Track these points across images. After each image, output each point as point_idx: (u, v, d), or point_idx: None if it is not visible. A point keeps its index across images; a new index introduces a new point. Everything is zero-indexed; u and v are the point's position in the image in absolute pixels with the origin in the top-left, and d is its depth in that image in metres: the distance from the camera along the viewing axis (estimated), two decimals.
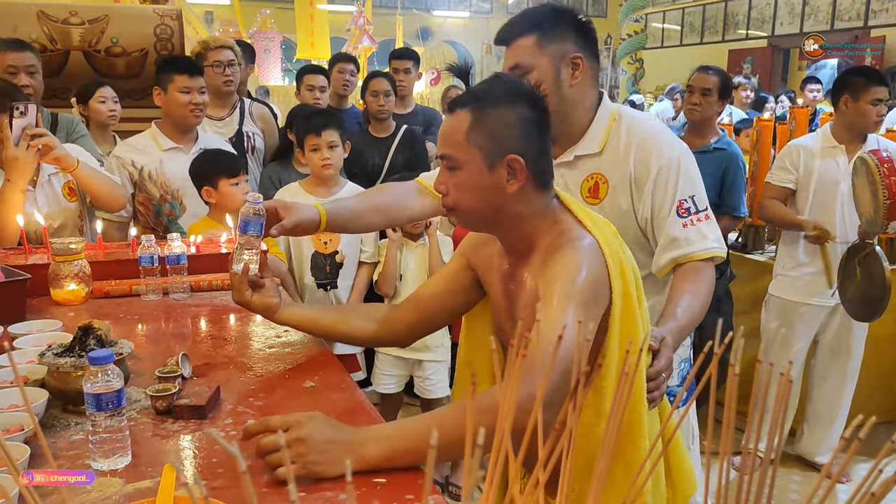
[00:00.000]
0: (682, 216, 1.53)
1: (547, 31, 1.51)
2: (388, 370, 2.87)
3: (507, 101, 1.19)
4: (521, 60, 1.51)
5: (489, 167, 1.19)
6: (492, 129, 1.18)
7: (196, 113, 2.58)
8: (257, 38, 9.13)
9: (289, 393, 1.33)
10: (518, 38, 1.53)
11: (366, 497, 0.96)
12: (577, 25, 1.54)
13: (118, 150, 2.67)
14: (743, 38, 12.83)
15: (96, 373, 1.02)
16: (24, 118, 2.05)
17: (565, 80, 1.52)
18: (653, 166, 1.54)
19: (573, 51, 1.52)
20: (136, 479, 1.01)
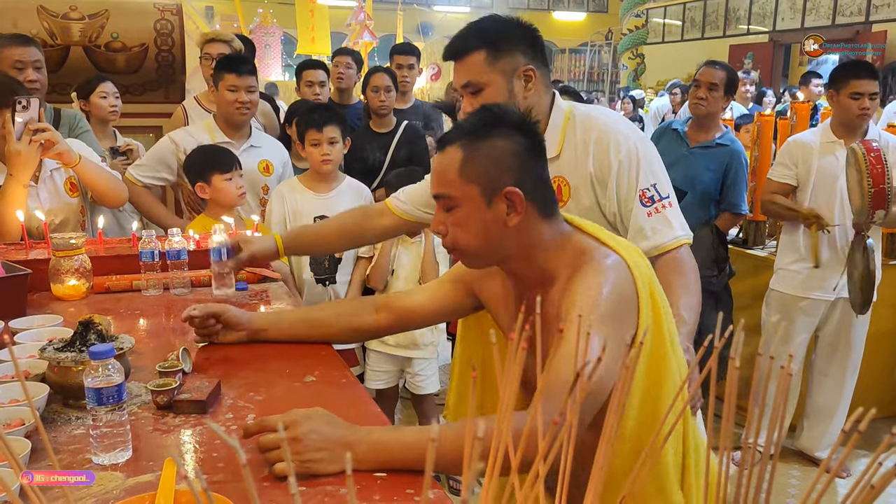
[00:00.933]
0: (646, 205, 1.53)
1: (496, 45, 1.49)
2: (379, 367, 2.88)
3: (498, 131, 1.16)
4: (472, 78, 1.50)
5: (487, 203, 1.15)
6: (485, 163, 1.15)
7: (242, 111, 2.66)
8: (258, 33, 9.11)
9: (289, 388, 1.33)
10: (467, 55, 1.51)
11: (366, 491, 0.97)
12: (524, 36, 1.53)
13: (175, 134, 2.74)
14: (744, 33, 12.80)
15: (97, 367, 1.02)
16: (27, 113, 2.05)
17: (518, 93, 1.51)
18: (612, 161, 1.53)
19: (524, 63, 1.51)
20: (136, 473, 1.01)
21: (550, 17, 18.12)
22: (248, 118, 2.73)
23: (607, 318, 1.08)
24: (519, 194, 1.15)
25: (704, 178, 3.09)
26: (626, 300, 1.13)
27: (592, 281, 1.12)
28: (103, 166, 2.39)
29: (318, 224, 1.75)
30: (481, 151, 1.15)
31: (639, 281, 1.15)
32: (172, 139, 2.70)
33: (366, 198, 2.80)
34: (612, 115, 1.68)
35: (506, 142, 1.16)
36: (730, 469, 0.52)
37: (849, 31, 11.00)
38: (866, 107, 2.77)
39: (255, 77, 2.71)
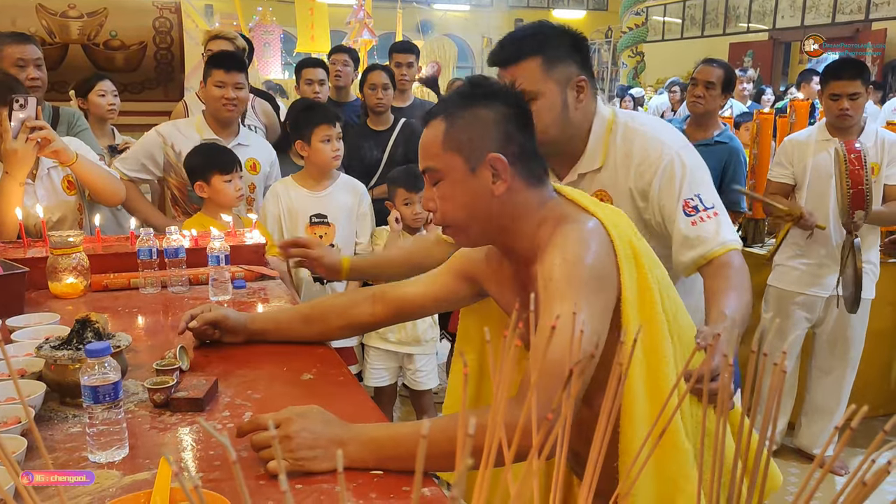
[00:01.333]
0: (690, 215, 1.46)
1: (551, 54, 1.44)
2: (379, 364, 2.87)
3: (481, 100, 1.16)
4: (526, 86, 1.42)
5: (471, 170, 1.14)
6: (467, 131, 1.15)
7: (228, 108, 2.63)
8: (257, 31, 9.10)
9: (286, 386, 1.33)
10: (521, 62, 1.44)
11: (363, 489, 0.97)
12: (577, 44, 1.48)
13: (162, 128, 2.71)
14: (744, 31, 12.79)
15: (93, 365, 1.02)
16: (24, 111, 2.05)
17: (571, 104, 1.47)
18: (653, 172, 1.48)
19: (577, 73, 1.46)
20: (133, 471, 1.01)
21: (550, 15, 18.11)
22: (235, 115, 2.70)
23: (586, 287, 1.07)
24: (502, 160, 1.14)
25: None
26: (605, 263, 1.11)
27: (569, 241, 1.11)
28: (101, 165, 2.38)
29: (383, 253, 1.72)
30: (464, 120, 1.15)
31: (617, 241, 1.13)
32: (160, 133, 2.67)
33: (361, 194, 2.78)
34: (654, 122, 1.61)
35: (488, 110, 1.16)
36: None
37: (849, 29, 10.99)
38: (844, 107, 2.77)
39: (244, 74, 2.68)
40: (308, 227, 2.65)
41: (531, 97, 1.41)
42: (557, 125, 1.46)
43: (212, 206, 2.44)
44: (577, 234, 1.12)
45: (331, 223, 2.67)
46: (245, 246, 2.12)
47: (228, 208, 2.41)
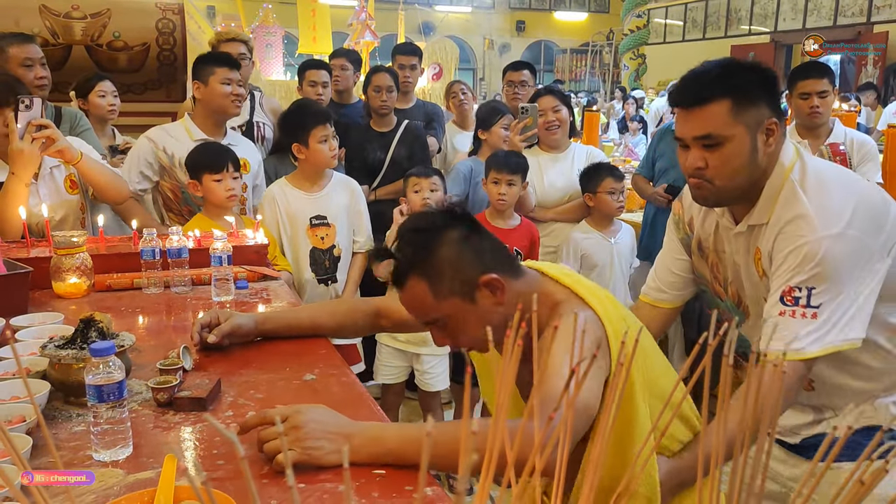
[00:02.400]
0: (786, 304, 1.31)
1: (740, 95, 1.32)
2: (389, 361, 2.88)
3: (433, 242, 1.22)
4: (713, 130, 1.32)
5: (471, 301, 1.23)
6: (448, 276, 1.21)
7: (237, 103, 2.65)
8: (259, 32, 9.10)
9: (289, 385, 1.33)
10: (708, 104, 1.32)
11: (365, 488, 0.97)
12: (768, 83, 1.36)
13: (151, 132, 2.70)
14: (746, 33, 12.80)
15: (98, 364, 1.03)
16: (30, 112, 2.06)
17: (760, 148, 1.34)
18: (790, 244, 1.32)
19: (768, 115, 1.34)
20: (137, 470, 1.02)
21: (552, 17, 18.11)
22: (240, 111, 2.74)
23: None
24: (493, 277, 1.22)
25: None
26: (599, 343, 1.18)
27: (563, 335, 1.16)
28: (105, 163, 2.39)
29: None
30: (437, 269, 1.22)
31: (611, 335, 1.19)
32: (150, 138, 2.66)
33: (356, 192, 2.77)
34: (825, 190, 1.35)
35: (447, 246, 1.22)
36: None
37: (850, 31, 11.00)
38: (815, 104, 2.84)
39: (239, 71, 2.71)
40: (309, 230, 2.64)
41: (717, 142, 1.32)
42: (744, 172, 1.35)
43: (210, 207, 2.44)
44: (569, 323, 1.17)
45: (331, 224, 2.67)
46: (247, 246, 2.13)
47: (221, 208, 2.39)
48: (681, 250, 1.60)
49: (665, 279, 1.63)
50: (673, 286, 1.62)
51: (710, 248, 1.52)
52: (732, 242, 1.45)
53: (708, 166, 1.34)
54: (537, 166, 2.99)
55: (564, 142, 3.11)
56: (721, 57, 1.83)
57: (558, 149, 3.09)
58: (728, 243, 1.47)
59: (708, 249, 1.53)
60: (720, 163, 1.33)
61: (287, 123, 2.84)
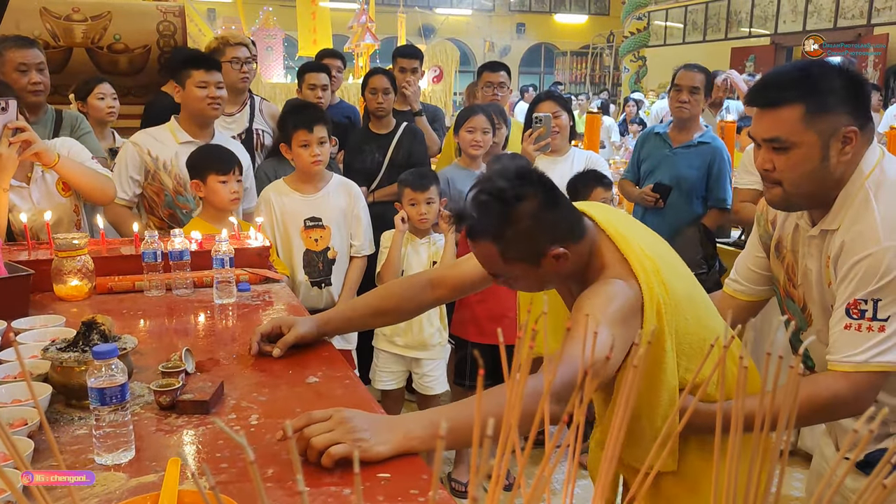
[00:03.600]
0: (852, 316, 1.27)
1: (818, 101, 1.27)
2: (387, 367, 2.87)
3: (510, 209, 1.24)
4: (782, 134, 1.29)
5: (537, 266, 1.29)
6: (517, 243, 1.26)
7: (214, 107, 2.59)
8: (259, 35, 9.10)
9: (292, 388, 1.32)
10: (780, 107, 1.29)
11: (370, 492, 0.96)
12: (850, 89, 1.29)
13: (136, 137, 2.67)
14: (746, 35, 12.81)
15: (100, 367, 1.02)
16: (5, 114, 2.00)
17: (833, 156, 1.29)
18: (855, 255, 1.28)
19: (847, 123, 1.28)
20: (139, 473, 1.01)
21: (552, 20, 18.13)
22: (219, 114, 2.67)
23: (615, 321, 1.20)
24: (560, 251, 1.27)
25: (689, 175, 3.20)
26: (631, 314, 1.24)
27: (603, 290, 1.24)
28: (91, 164, 2.32)
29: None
30: (510, 234, 1.25)
31: (647, 307, 1.26)
32: (135, 143, 2.62)
33: (355, 195, 2.75)
34: None
35: (523, 217, 1.25)
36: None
37: (850, 33, 11.01)
38: None
39: (220, 74, 2.64)
40: (303, 231, 2.62)
41: (785, 146, 1.30)
42: (813, 179, 1.31)
43: (209, 209, 2.42)
44: (609, 287, 1.26)
45: (325, 226, 2.65)
46: (249, 249, 2.12)
47: (222, 211, 2.38)
48: (760, 248, 1.59)
49: (743, 272, 1.64)
50: (749, 280, 1.62)
51: (788, 248, 1.50)
52: (806, 245, 1.43)
53: (775, 169, 1.33)
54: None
55: (564, 146, 3.11)
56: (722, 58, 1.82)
57: (558, 152, 3.09)
58: (802, 245, 1.45)
59: (785, 250, 1.50)
60: (787, 167, 1.31)
61: (279, 124, 2.83)
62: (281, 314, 1.78)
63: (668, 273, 1.32)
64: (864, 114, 1.32)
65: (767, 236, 1.57)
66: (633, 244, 1.32)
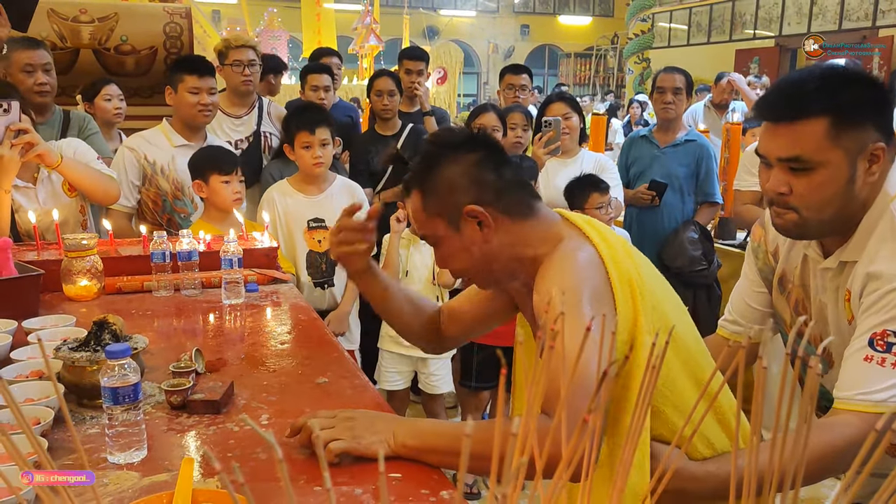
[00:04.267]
0: (876, 349, 1.10)
1: (844, 114, 1.10)
2: (393, 367, 2.88)
3: (447, 157, 1.18)
4: (804, 153, 1.12)
5: (455, 228, 1.18)
6: (440, 194, 1.18)
7: (205, 113, 2.57)
8: (264, 36, 9.14)
9: (302, 389, 1.33)
10: (802, 120, 1.11)
11: (380, 492, 0.97)
12: (878, 100, 1.14)
13: (131, 142, 2.65)
14: (750, 37, 12.80)
15: (113, 367, 1.02)
16: (8, 115, 1.99)
17: (859, 177, 1.13)
18: (886, 283, 1.12)
19: (875, 139, 1.12)
20: (152, 472, 1.02)
21: (556, 21, 18.12)
22: (210, 121, 2.64)
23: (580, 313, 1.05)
24: (477, 209, 1.15)
25: (679, 172, 3.28)
26: (600, 293, 1.09)
27: (561, 275, 1.10)
28: (95, 165, 2.31)
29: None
30: (434, 185, 1.18)
31: (613, 278, 1.10)
32: (130, 147, 2.59)
33: (358, 196, 2.74)
34: None
35: (454, 166, 1.17)
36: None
37: (855, 35, 10.98)
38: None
39: (214, 79, 2.61)
40: (306, 232, 2.63)
41: (808, 166, 1.12)
42: (836, 203, 1.15)
43: (211, 210, 2.42)
44: (567, 261, 1.12)
45: (329, 227, 2.65)
46: (257, 250, 2.13)
47: (224, 211, 2.38)
48: (759, 282, 1.41)
49: (740, 310, 1.45)
50: (750, 318, 1.43)
51: (796, 282, 1.32)
52: (819, 278, 1.26)
53: (793, 193, 1.15)
54: (544, 171, 2.99)
55: (574, 147, 3.10)
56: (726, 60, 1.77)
57: (567, 154, 3.08)
58: (814, 278, 1.27)
59: (792, 284, 1.34)
60: (808, 191, 1.13)
61: (283, 125, 2.83)
62: (288, 310, 1.79)
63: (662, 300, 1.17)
64: (890, 128, 1.16)
65: (769, 270, 1.39)
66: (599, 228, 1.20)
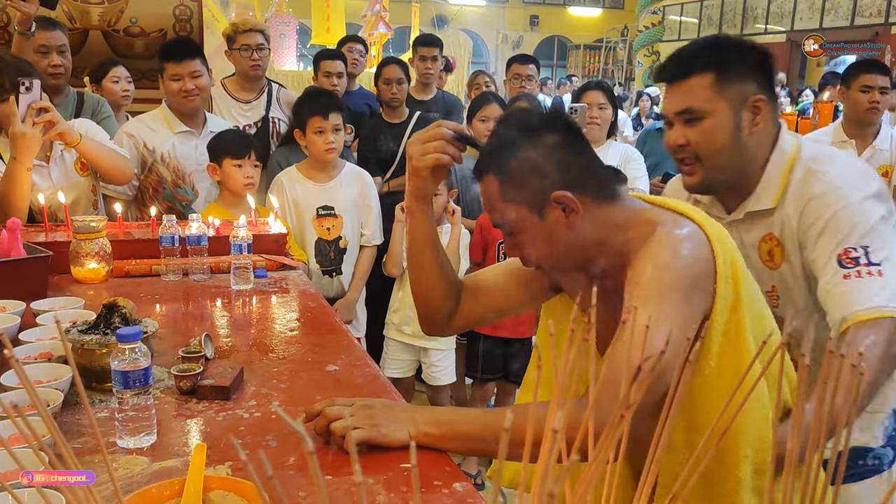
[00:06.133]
0: (846, 266, 1.21)
1: (726, 68, 1.29)
2: (397, 356, 2.88)
3: (524, 143, 1.10)
4: (693, 104, 1.30)
5: (539, 215, 1.11)
6: (522, 180, 1.10)
7: (189, 98, 2.51)
8: (273, 22, 9.09)
9: (312, 375, 1.32)
10: (690, 77, 1.30)
11: (393, 482, 0.96)
12: (757, 59, 1.32)
13: (130, 127, 2.62)
14: (761, 32, 12.70)
15: (123, 350, 1.01)
16: (30, 94, 1.99)
17: (745, 127, 1.31)
18: (823, 215, 1.26)
19: (755, 92, 1.30)
20: (160, 457, 1.01)
21: (566, 13, 18.03)
22: (198, 105, 2.58)
23: (675, 292, 1.01)
24: (566, 195, 1.08)
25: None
26: (700, 272, 1.04)
27: (660, 251, 1.05)
28: (110, 144, 2.33)
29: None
30: (514, 170, 1.10)
31: (719, 256, 1.05)
32: (129, 133, 2.56)
33: (367, 184, 2.73)
34: (842, 165, 1.33)
35: (535, 150, 1.10)
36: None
37: (868, 32, 10.90)
38: (876, 100, 2.81)
39: (199, 60, 2.53)
40: (315, 219, 2.62)
41: (697, 116, 1.30)
42: (728, 151, 1.31)
43: (226, 195, 2.43)
44: (670, 239, 1.06)
45: (338, 215, 2.64)
46: (266, 235, 2.11)
47: (238, 195, 2.38)
48: None
49: None
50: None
51: None
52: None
53: (689, 143, 1.32)
54: None
55: (601, 138, 3.02)
56: None
57: (594, 143, 3.04)
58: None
59: None
60: (702, 138, 1.30)
61: (294, 109, 2.81)
62: (297, 296, 1.78)
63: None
64: (771, 87, 1.33)
65: None
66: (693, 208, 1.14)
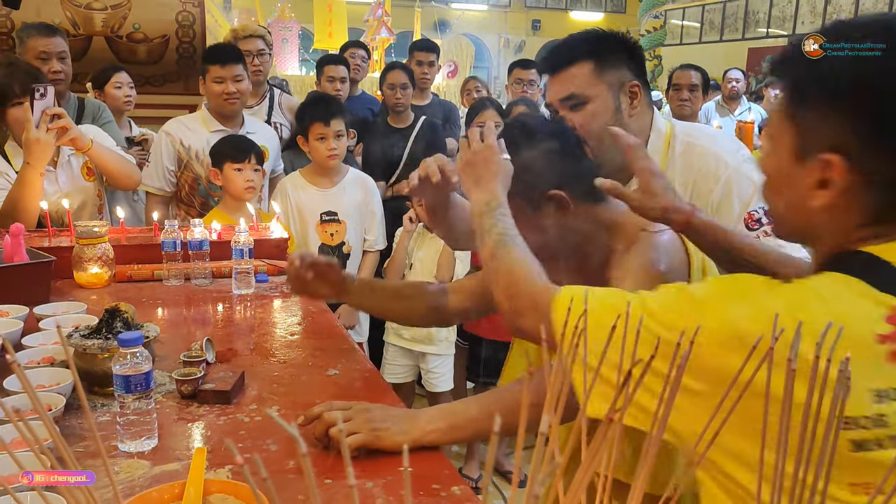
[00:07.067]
0: (753, 229, 1.33)
1: (603, 56, 1.38)
2: (397, 361, 2.88)
3: (527, 145, 1.18)
4: (576, 90, 1.37)
5: (537, 210, 1.17)
6: (521, 179, 1.16)
7: (230, 101, 2.60)
8: (275, 27, 9.12)
9: (312, 380, 1.33)
10: (571, 66, 1.38)
11: (392, 486, 0.96)
12: (629, 50, 1.42)
13: (168, 126, 2.69)
14: (763, 36, 12.71)
15: (125, 354, 1.02)
16: (44, 100, 2.04)
17: (625, 110, 1.40)
18: (715, 187, 1.38)
19: (630, 78, 1.40)
20: (162, 461, 1.01)
21: (568, 17, 18.06)
22: (238, 108, 2.67)
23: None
24: (559, 194, 1.16)
25: None
26: (680, 273, 1.13)
27: (645, 256, 1.12)
28: (117, 150, 2.37)
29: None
30: (516, 164, 1.17)
31: (693, 255, 1.15)
32: (167, 132, 2.64)
33: (370, 190, 2.74)
34: (712, 135, 1.49)
35: (536, 151, 1.18)
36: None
37: None
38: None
39: (241, 65, 2.63)
40: (319, 225, 2.62)
41: (580, 101, 1.37)
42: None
43: (228, 201, 2.43)
44: (652, 243, 1.14)
45: (341, 220, 2.64)
46: (268, 240, 2.12)
47: (239, 199, 2.39)
48: None
49: None
50: None
51: None
52: None
53: (575, 126, 1.35)
54: None
55: None
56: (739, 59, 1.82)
57: None
58: None
59: None
60: (586, 121, 1.36)
61: (297, 115, 2.83)
62: (298, 301, 1.79)
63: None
64: (644, 75, 1.43)
65: None
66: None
